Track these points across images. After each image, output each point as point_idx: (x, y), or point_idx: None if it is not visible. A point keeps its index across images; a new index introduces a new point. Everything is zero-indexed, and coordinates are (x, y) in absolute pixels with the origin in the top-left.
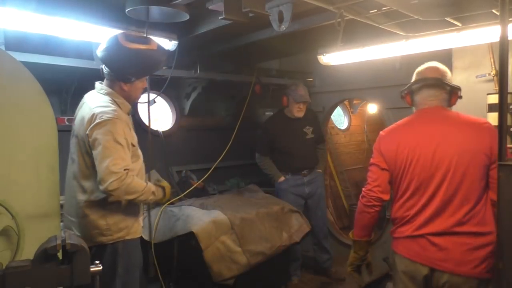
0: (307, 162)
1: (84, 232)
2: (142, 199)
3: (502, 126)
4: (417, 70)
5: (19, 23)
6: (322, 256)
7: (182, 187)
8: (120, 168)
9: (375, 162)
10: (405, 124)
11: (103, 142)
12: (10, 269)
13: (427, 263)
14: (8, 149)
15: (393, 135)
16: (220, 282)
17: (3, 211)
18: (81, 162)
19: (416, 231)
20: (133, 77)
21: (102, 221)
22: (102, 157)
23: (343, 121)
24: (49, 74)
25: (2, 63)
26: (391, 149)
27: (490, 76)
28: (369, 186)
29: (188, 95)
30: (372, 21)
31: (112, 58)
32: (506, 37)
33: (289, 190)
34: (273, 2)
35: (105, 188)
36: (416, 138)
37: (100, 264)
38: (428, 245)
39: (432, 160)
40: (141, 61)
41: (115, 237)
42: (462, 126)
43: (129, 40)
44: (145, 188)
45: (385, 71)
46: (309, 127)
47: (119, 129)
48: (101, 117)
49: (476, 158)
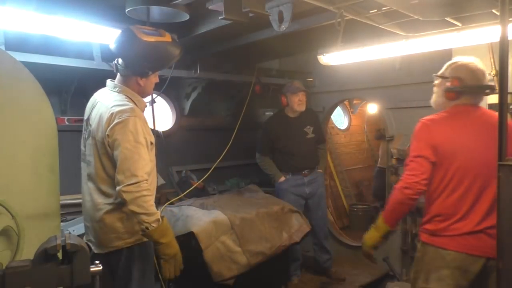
0: (307, 162)
1: (100, 237)
2: (144, 219)
3: (502, 126)
4: (467, 67)
5: (19, 23)
6: (322, 256)
7: (182, 187)
8: (142, 172)
9: (423, 154)
10: (450, 117)
11: (124, 143)
12: (10, 269)
13: (484, 254)
14: (8, 149)
15: (443, 127)
16: (220, 282)
17: (3, 211)
18: (98, 164)
19: (476, 227)
20: (150, 71)
21: (119, 223)
22: (124, 158)
23: (343, 121)
24: (49, 74)
25: (2, 63)
26: (445, 142)
27: (490, 76)
28: (416, 178)
29: (188, 95)
30: (372, 21)
31: (129, 52)
32: (506, 37)
33: (289, 190)
34: (273, 2)
35: (121, 189)
36: (467, 132)
37: (100, 264)
38: (486, 237)
39: (482, 154)
40: (158, 53)
41: (132, 240)
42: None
43: (144, 33)
44: (154, 213)
45: (385, 71)
46: (310, 127)
47: (139, 128)
48: (121, 117)
49: None
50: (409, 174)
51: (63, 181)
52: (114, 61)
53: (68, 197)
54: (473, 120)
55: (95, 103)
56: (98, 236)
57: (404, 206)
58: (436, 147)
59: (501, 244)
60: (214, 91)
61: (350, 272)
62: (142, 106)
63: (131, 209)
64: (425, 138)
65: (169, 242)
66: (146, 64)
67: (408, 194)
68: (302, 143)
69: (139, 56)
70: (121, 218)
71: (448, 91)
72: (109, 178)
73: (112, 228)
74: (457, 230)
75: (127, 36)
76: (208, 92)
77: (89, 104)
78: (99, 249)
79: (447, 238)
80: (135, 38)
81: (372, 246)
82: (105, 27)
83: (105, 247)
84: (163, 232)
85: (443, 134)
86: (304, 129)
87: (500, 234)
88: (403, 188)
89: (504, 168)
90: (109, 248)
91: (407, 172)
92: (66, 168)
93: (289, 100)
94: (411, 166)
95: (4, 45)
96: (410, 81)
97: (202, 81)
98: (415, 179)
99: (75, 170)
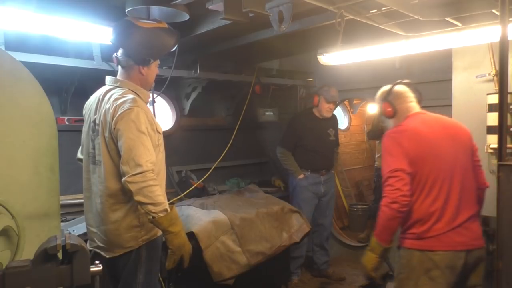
0: (327, 162)
1: (113, 240)
2: (151, 209)
3: (502, 126)
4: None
5: (19, 23)
6: (321, 258)
7: (182, 187)
8: (146, 161)
9: (401, 167)
10: (413, 124)
11: (127, 133)
12: (10, 269)
13: (465, 247)
14: (8, 149)
15: (409, 136)
16: (220, 282)
17: (3, 211)
18: (108, 162)
19: (454, 223)
20: (151, 58)
21: (136, 221)
22: (127, 148)
23: (343, 121)
24: (49, 74)
25: (2, 63)
26: (415, 149)
27: (490, 76)
28: (400, 192)
29: (188, 95)
30: (372, 21)
31: (130, 40)
32: (506, 37)
33: (308, 187)
34: (273, 2)
35: (126, 180)
36: (431, 136)
37: (100, 264)
38: (464, 231)
39: (447, 154)
40: (157, 39)
41: (147, 237)
42: (452, 124)
43: (142, 21)
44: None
45: (385, 71)
46: (332, 130)
47: (141, 118)
48: (123, 108)
49: (466, 153)
50: (393, 189)
51: (63, 181)
52: (114, 54)
53: (68, 197)
54: (431, 124)
55: (98, 100)
56: (110, 239)
57: (395, 221)
58: (409, 157)
59: (501, 244)
60: (214, 91)
61: (349, 272)
62: (146, 97)
63: (138, 200)
64: (398, 151)
65: (178, 232)
66: (147, 51)
67: (397, 208)
68: (326, 143)
69: (139, 43)
70: (137, 216)
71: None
72: (121, 176)
73: (129, 227)
74: (439, 230)
75: (125, 25)
76: (208, 92)
77: (93, 104)
78: (109, 253)
79: (432, 239)
80: (133, 25)
81: (373, 269)
82: (105, 27)
83: (117, 250)
84: (172, 221)
85: (411, 143)
86: (327, 131)
87: (500, 234)
88: (390, 203)
89: (504, 168)
90: (122, 250)
91: (390, 188)
92: (66, 168)
93: (320, 104)
94: (393, 181)
95: (4, 45)
96: (409, 81)
97: (202, 81)
98: (400, 192)
99: (75, 170)
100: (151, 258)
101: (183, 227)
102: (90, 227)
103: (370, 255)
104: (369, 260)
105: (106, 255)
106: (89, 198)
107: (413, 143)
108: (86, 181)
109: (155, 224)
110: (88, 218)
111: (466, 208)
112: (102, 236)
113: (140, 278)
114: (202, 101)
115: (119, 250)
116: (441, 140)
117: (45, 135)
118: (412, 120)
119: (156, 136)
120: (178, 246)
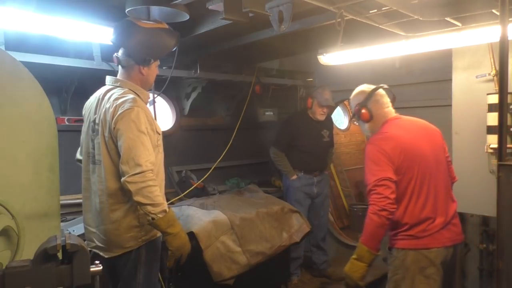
0: (320, 164)
1: (113, 240)
2: (150, 210)
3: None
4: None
5: (19, 23)
6: (320, 257)
7: (182, 187)
8: (146, 161)
9: (387, 176)
10: (395, 131)
11: (127, 132)
12: (10, 269)
13: (453, 242)
14: (8, 149)
15: (391, 143)
16: (220, 282)
17: (3, 211)
18: (108, 161)
19: (447, 219)
20: (152, 58)
21: (136, 221)
22: (127, 147)
23: (343, 121)
24: (49, 74)
25: (2, 63)
26: (399, 155)
27: (490, 76)
28: (388, 200)
29: (188, 95)
30: (372, 21)
31: (130, 40)
32: (506, 37)
33: (301, 188)
34: (273, 2)
35: (125, 180)
36: (411, 140)
37: (100, 264)
38: (452, 227)
39: (428, 155)
40: (158, 39)
41: (148, 236)
42: (425, 125)
43: (142, 21)
44: (161, 203)
45: (385, 71)
46: (326, 131)
47: (141, 118)
48: (123, 107)
49: (441, 151)
50: (381, 197)
51: (63, 181)
52: (114, 54)
53: (68, 197)
54: (410, 128)
55: (99, 102)
56: (110, 239)
57: (383, 228)
58: (395, 165)
59: (501, 244)
60: (214, 91)
61: None
62: (146, 98)
63: (137, 200)
64: (384, 160)
65: (177, 233)
66: (147, 51)
67: (386, 216)
68: (319, 145)
69: (140, 43)
70: (137, 216)
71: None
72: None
73: (129, 227)
74: (434, 228)
75: (126, 25)
76: (208, 92)
77: (92, 104)
78: (108, 253)
79: (428, 238)
80: (134, 25)
81: (361, 278)
82: (105, 27)
83: (116, 250)
84: (170, 222)
85: (396, 151)
86: (321, 132)
87: (500, 234)
88: (379, 211)
89: (504, 168)
90: (121, 250)
91: (378, 196)
92: (66, 168)
93: (313, 107)
94: (381, 189)
95: (4, 45)
96: (410, 81)
97: (202, 81)
98: (388, 200)
99: (75, 170)
100: (150, 259)
101: (182, 228)
102: (89, 227)
103: (357, 264)
104: (357, 269)
105: (105, 255)
106: (88, 198)
107: (398, 151)
108: (86, 181)
109: (155, 227)
110: (87, 218)
111: (451, 204)
112: (101, 236)
113: (140, 278)
114: (202, 101)
115: (118, 250)
116: (421, 143)
117: (45, 135)
118: (391, 126)
119: (156, 136)
120: (177, 247)
